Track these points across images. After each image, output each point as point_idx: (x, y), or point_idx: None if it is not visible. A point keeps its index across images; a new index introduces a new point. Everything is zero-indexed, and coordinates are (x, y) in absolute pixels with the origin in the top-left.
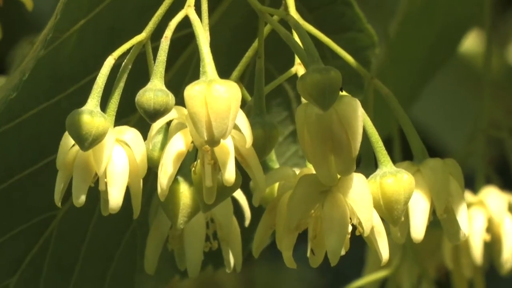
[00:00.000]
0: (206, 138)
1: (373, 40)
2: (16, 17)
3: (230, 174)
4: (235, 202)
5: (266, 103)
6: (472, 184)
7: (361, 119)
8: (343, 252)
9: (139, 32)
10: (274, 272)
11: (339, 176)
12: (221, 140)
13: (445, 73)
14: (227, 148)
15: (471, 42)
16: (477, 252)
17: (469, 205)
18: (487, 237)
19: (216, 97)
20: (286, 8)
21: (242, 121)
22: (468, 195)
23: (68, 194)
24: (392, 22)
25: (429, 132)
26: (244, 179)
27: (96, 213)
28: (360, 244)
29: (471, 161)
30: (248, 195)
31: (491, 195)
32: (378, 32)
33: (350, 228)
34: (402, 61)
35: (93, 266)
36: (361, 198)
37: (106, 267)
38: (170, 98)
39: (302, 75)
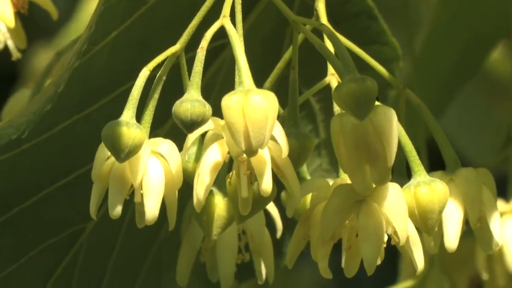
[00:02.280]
0: (244, 148)
1: (397, 53)
2: (27, 20)
3: (267, 185)
4: (267, 214)
5: None
6: (504, 192)
7: (396, 129)
8: (379, 262)
9: (167, 43)
10: (287, 274)
11: (374, 186)
12: (258, 150)
13: (471, 87)
14: (264, 158)
15: (497, 52)
16: (511, 260)
17: (501, 214)
18: None
19: (254, 106)
20: (317, 19)
21: (278, 131)
22: (501, 203)
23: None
24: (418, 34)
25: (455, 146)
26: None
27: (124, 226)
28: None
29: (503, 168)
30: (279, 207)
31: None
32: (402, 44)
33: (385, 238)
34: (429, 74)
35: (121, 280)
36: (396, 208)
37: (133, 281)
38: (207, 108)
39: (338, 85)
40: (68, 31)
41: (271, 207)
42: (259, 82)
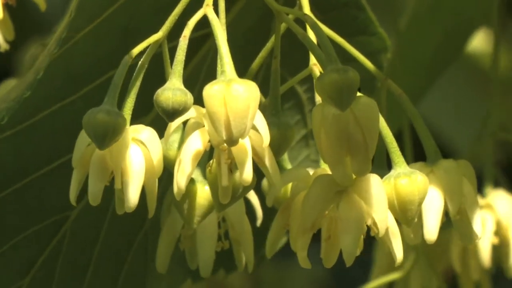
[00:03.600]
0: (225, 138)
1: (385, 44)
2: (23, 16)
3: (248, 174)
4: (247, 202)
5: None
6: (480, 186)
7: (378, 120)
8: (358, 253)
9: (153, 32)
10: (282, 270)
11: (354, 176)
12: (239, 140)
13: (452, 72)
14: (245, 148)
15: (479, 42)
16: (485, 255)
17: (481, 206)
18: (495, 240)
19: (235, 96)
20: (300, 9)
21: (260, 121)
22: (480, 197)
23: (82, 194)
24: (400, 21)
25: (436, 131)
26: None
27: (109, 214)
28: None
29: (478, 163)
30: (259, 195)
31: (500, 198)
32: (388, 33)
33: (365, 229)
34: (410, 60)
35: (106, 267)
36: (376, 199)
37: (118, 269)
38: (189, 97)
39: (320, 75)
40: None
41: (252, 195)
42: (244, 73)
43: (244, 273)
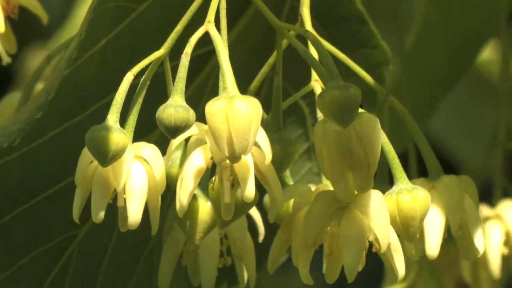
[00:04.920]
0: (227, 154)
1: (387, 56)
2: (22, 21)
3: (250, 190)
4: (249, 218)
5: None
6: (489, 197)
7: (379, 136)
8: (360, 268)
9: (157, 49)
10: (281, 276)
11: (356, 192)
12: (242, 156)
13: (460, 84)
14: (247, 164)
15: (487, 53)
16: (495, 265)
17: (486, 219)
18: (505, 251)
19: (238, 113)
20: (302, 24)
21: (262, 137)
22: (485, 209)
23: (88, 213)
24: (408, 32)
25: (444, 144)
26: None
27: (115, 231)
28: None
29: (487, 173)
30: (261, 211)
31: (509, 208)
32: (394, 47)
33: (367, 245)
34: (419, 74)
35: (113, 284)
36: (378, 215)
37: (125, 285)
38: (191, 114)
39: (321, 92)
40: (63, 33)
41: (254, 212)
42: (247, 89)
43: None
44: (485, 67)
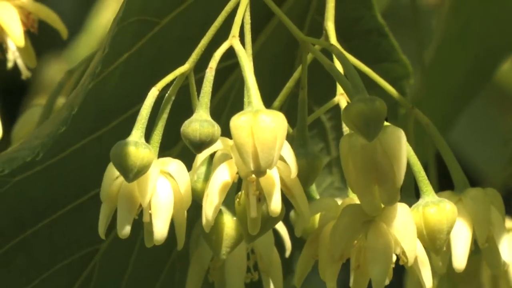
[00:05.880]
0: (252, 169)
1: (408, 70)
2: (38, 31)
3: (276, 205)
4: (275, 233)
5: None
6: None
7: (405, 149)
8: (387, 282)
9: (179, 63)
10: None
11: (382, 206)
12: (267, 171)
13: (480, 98)
14: (272, 179)
15: (506, 64)
16: None
17: (510, 230)
18: None
19: (263, 127)
20: (326, 38)
21: (287, 151)
22: (508, 220)
23: (110, 227)
24: (428, 46)
25: (462, 154)
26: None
27: (137, 245)
28: None
29: (510, 184)
30: (288, 226)
31: None
32: (413, 60)
33: (394, 258)
34: (439, 86)
35: None
36: (405, 228)
37: None
38: (216, 128)
39: (347, 106)
40: (79, 43)
41: (280, 226)
42: (269, 102)
43: None
44: (504, 78)
